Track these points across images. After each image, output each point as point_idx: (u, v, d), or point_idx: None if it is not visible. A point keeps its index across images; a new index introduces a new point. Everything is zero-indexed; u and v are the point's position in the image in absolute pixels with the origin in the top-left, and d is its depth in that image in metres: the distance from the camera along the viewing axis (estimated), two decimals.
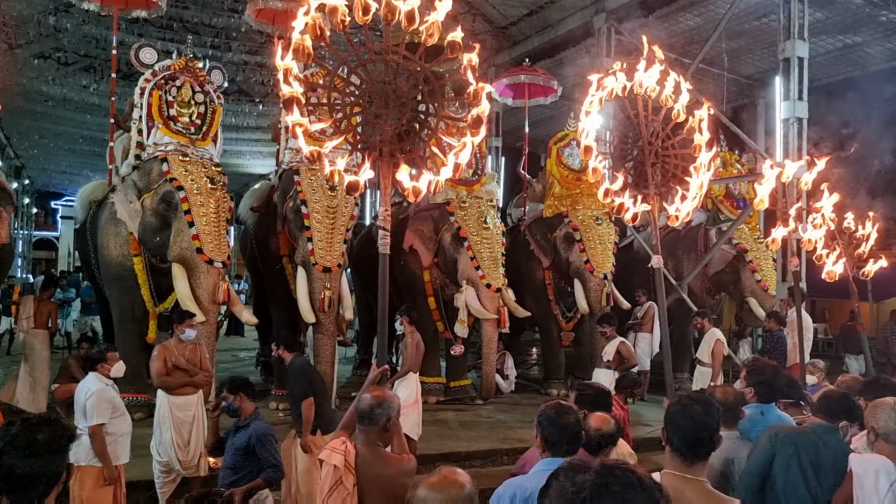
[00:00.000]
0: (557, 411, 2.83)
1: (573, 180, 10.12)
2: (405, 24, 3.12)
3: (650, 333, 10.35)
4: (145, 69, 7.79)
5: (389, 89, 3.31)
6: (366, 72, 3.36)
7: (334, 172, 3.11)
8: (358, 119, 3.43)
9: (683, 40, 12.87)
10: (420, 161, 3.38)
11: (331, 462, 2.99)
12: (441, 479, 2.27)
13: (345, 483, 2.94)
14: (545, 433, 2.78)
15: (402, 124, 3.35)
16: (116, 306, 8.08)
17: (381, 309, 3.58)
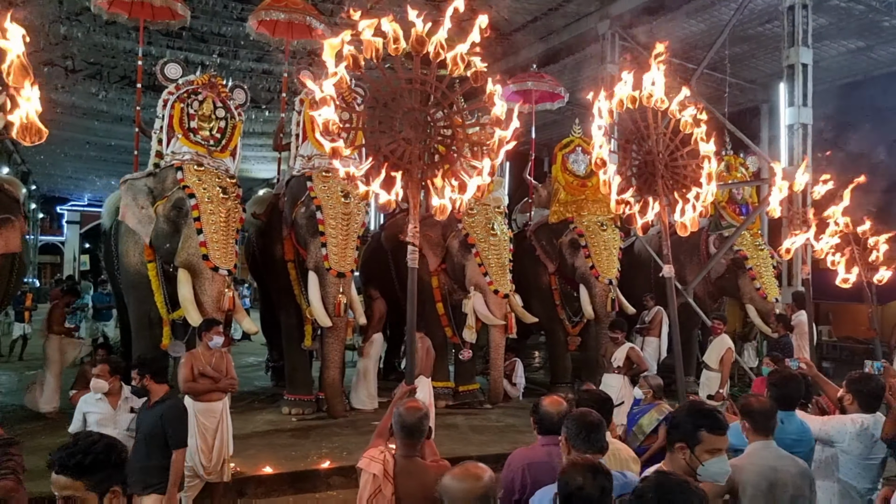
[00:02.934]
0: (585, 418, 2.94)
1: (578, 186, 10.22)
2: (432, 55, 3.27)
3: (657, 338, 10.43)
4: (170, 83, 7.93)
5: (419, 115, 3.46)
6: (397, 99, 3.52)
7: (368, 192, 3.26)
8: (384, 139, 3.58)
9: (687, 46, 12.97)
10: (446, 181, 3.52)
11: (370, 471, 3.11)
12: (463, 471, 2.47)
13: (384, 492, 3.05)
14: (572, 440, 2.89)
15: (430, 147, 3.51)
16: (134, 313, 8.22)
17: (409, 321, 3.70)
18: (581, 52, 13.49)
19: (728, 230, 10.81)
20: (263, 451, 7.09)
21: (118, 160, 19.15)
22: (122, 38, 13.00)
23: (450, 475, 2.48)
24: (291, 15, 9.48)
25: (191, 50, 13.19)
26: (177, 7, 8.97)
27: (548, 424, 3.37)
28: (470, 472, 2.47)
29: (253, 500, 6.40)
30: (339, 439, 7.71)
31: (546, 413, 3.40)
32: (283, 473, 6.59)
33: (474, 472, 2.47)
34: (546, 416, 3.39)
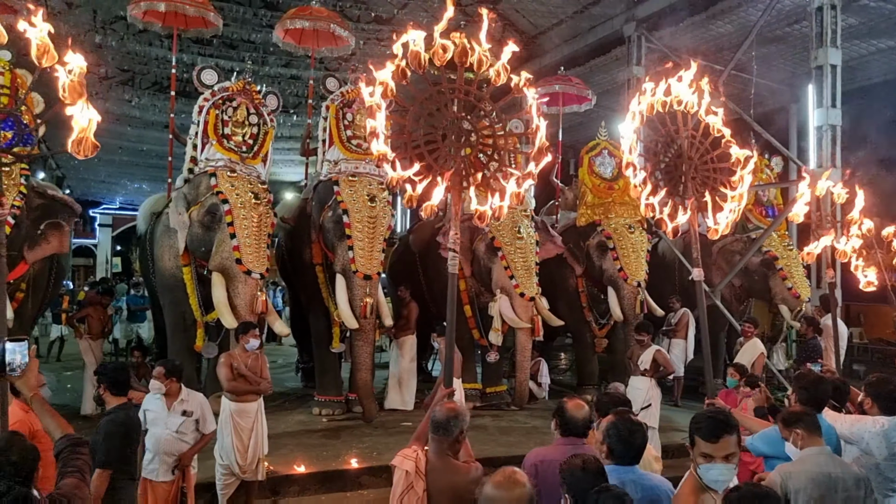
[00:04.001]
0: (628, 428, 3.01)
1: (605, 189, 10.25)
2: (476, 66, 3.39)
3: (684, 340, 10.43)
4: (205, 89, 8.11)
5: (461, 124, 3.58)
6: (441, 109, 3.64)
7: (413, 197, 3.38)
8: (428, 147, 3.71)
9: (714, 47, 12.93)
10: (486, 188, 3.63)
11: (402, 468, 3.22)
12: (506, 479, 2.52)
13: (415, 488, 3.16)
14: (612, 445, 2.97)
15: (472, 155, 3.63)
16: (169, 315, 8.41)
17: (448, 325, 3.80)
18: (607, 55, 13.50)
19: (755, 232, 10.78)
20: (295, 450, 7.23)
21: (149, 164, 19.54)
22: (154, 46, 13.30)
23: (491, 483, 2.52)
24: (316, 23, 9.63)
25: (221, 57, 13.45)
26: (209, 16, 9.17)
27: (571, 427, 3.48)
28: (511, 478, 2.52)
29: (286, 498, 6.53)
30: (369, 440, 7.83)
31: (571, 417, 3.49)
32: (314, 473, 6.72)
33: (515, 479, 2.52)
34: (571, 420, 3.49)
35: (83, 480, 2.59)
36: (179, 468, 5.09)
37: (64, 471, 2.61)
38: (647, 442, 3.15)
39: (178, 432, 5.06)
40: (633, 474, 2.94)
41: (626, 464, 2.96)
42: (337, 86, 9.08)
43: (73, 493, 2.51)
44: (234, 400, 5.80)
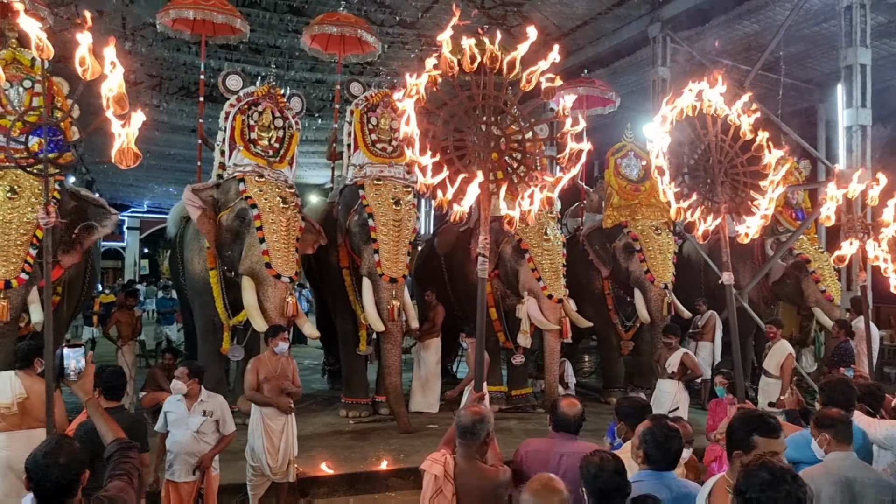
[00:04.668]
0: (664, 434, 3.00)
1: (631, 191, 10.21)
2: (506, 71, 3.43)
3: (711, 342, 10.35)
4: (230, 95, 8.22)
5: (490, 130, 3.61)
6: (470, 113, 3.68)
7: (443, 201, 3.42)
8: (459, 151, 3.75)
9: (740, 47, 12.82)
10: (515, 192, 3.66)
11: (431, 472, 3.26)
12: (544, 486, 2.54)
13: (444, 492, 3.20)
14: (649, 451, 2.96)
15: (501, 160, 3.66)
16: (199, 318, 8.53)
17: (478, 329, 3.82)
18: (631, 56, 13.43)
19: (784, 235, 10.67)
20: (323, 452, 7.30)
21: (177, 168, 19.79)
22: (182, 52, 13.47)
23: (528, 490, 2.55)
24: (344, 29, 9.70)
25: (247, 62, 13.60)
26: (236, 22, 9.27)
27: (562, 423, 3.64)
28: (548, 486, 2.54)
29: (315, 500, 6.60)
30: (396, 442, 7.88)
31: (562, 413, 3.65)
32: (343, 475, 6.79)
33: (552, 486, 2.54)
34: (562, 416, 3.64)
35: (130, 483, 2.65)
36: (200, 469, 5.16)
37: (113, 473, 2.67)
38: (682, 447, 3.15)
39: (199, 432, 5.15)
40: (667, 480, 2.94)
41: (663, 469, 2.95)
42: (361, 90, 9.15)
43: (118, 495, 2.57)
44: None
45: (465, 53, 3.49)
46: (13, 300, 6.48)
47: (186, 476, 5.11)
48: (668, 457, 2.97)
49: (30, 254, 6.59)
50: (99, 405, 3.05)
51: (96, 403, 3.03)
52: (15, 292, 6.49)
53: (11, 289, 6.45)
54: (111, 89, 2.96)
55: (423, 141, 3.48)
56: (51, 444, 2.47)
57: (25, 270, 6.54)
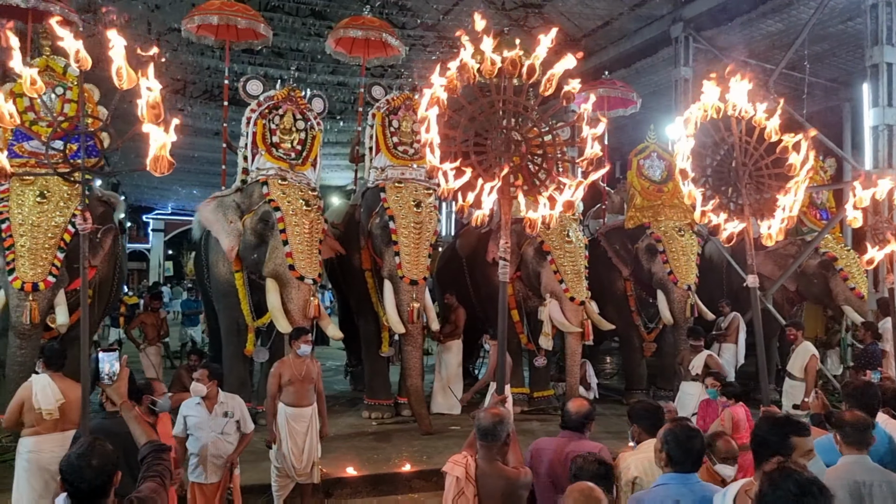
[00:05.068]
0: (686, 434, 3.00)
1: (654, 192, 10.17)
2: (525, 77, 3.44)
3: (734, 344, 10.25)
4: (251, 100, 8.31)
5: (510, 134, 3.64)
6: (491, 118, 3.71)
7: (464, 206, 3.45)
8: None
9: (764, 46, 12.70)
10: (536, 195, 3.68)
11: (453, 474, 3.30)
12: (585, 497, 2.57)
13: (466, 494, 3.23)
14: (671, 452, 2.95)
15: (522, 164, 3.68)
16: (224, 321, 8.62)
17: (500, 332, 3.85)
18: (653, 56, 13.36)
19: (809, 235, 10.56)
20: (347, 453, 7.35)
21: (200, 171, 20.02)
22: (206, 56, 13.64)
23: (569, 499, 2.57)
24: (368, 32, 9.76)
25: (270, 65, 13.73)
26: (259, 27, 9.38)
27: (567, 422, 3.79)
28: (590, 496, 2.57)
29: (338, 500, 6.65)
30: (419, 443, 7.91)
31: (567, 412, 3.81)
32: (366, 476, 6.83)
33: (593, 496, 2.57)
34: (566, 415, 3.81)
35: (162, 485, 2.71)
36: (230, 467, 5.26)
37: (145, 475, 2.73)
38: (705, 447, 3.15)
39: (224, 433, 5.25)
40: (691, 483, 2.93)
41: (686, 471, 2.93)
42: (382, 93, 9.22)
43: (150, 496, 2.62)
44: (289, 404, 5.93)
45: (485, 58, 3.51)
46: (41, 302, 6.60)
47: (213, 476, 5.19)
48: (691, 457, 2.95)
49: (57, 257, 6.72)
50: (132, 408, 3.12)
51: (130, 406, 3.10)
52: (42, 295, 6.61)
53: (39, 291, 6.57)
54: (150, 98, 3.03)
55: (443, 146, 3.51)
56: (84, 447, 2.53)
57: (53, 273, 6.67)
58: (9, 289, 6.61)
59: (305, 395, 5.98)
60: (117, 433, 3.17)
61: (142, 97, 3.09)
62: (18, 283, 6.51)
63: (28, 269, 6.56)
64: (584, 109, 3.81)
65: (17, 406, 4.93)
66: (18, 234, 6.60)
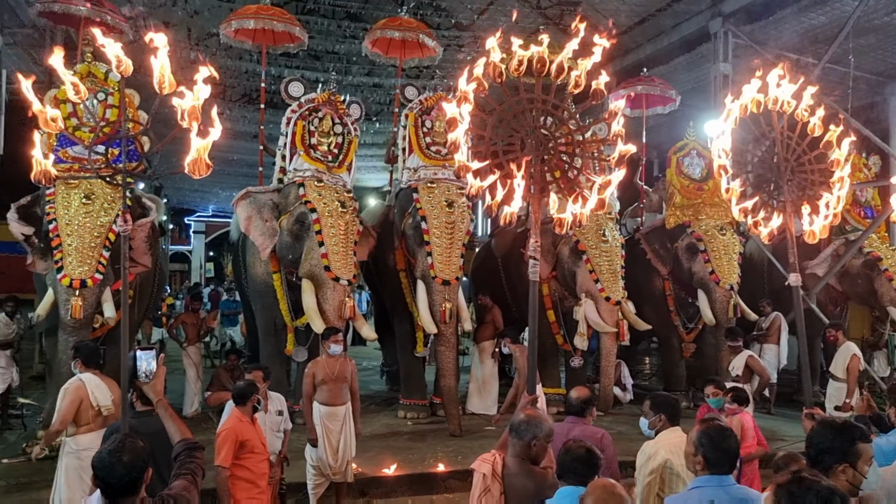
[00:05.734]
0: (721, 434, 2.94)
1: (694, 190, 10.01)
2: (554, 74, 3.41)
3: (776, 345, 10.07)
4: (292, 101, 8.41)
5: (540, 133, 3.61)
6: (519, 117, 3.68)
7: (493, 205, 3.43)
8: None
9: (806, 40, 12.38)
10: (567, 194, 3.64)
11: (480, 471, 3.33)
12: (608, 494, 2.53)
13: (492, 491, 3.25)
14: (707, 454, 2.89)
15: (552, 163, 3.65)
16: (261, 320, 8.74)
17: (531, 333, 3.82)
18: (691, 52, 13.13)
19: (853, 234, 10.29)
20: (382, 453, 7.38)
21: (239, 173, 20.28)
22: (244, 60, 13.81)
23: (591, 497, 2.54)
24: (405, 33, 9.80)
25: (306, 68, 13.86)
26: (295, 31, 9.48)
27: (570, 407, 4.25)
28: (612, 493, 2.54)
29: (373, 500, 6.69)
30: (454, 443, 7.91)
31: (569, 398, 4.31)
32: (402, 475, 6.86)
33: (615, 493, 2.54)
34: (569, 401, 4.28)
35: (193, 483, 2.74)
36: (283, 462, 5.49)
37: (178, 472, 2.77)
38: (739, 447, 3.08)
39: (277, 431, 5.42)
40: (727, 486, 2.85)
41: (724, 472, 2.86)
42: (416, 94, 9.24)
43: (181, 494, 2.65)
44: (323, 403, 5.98)
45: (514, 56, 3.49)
46: (88, 299, 6.80)
47: None
48: (728, 457, 2.89)
49: (103, 255, 6.93)
50: (168, 406, 3.16)
51: (166, 405, 3.14)
52: (90, 291, 6.81)
53: (86, 288, 6.77)
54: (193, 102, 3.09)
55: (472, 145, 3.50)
56: (115, 443, 2.56)
57: (99, 271, 6.88)
58: (57, 286, 6.82)
59: (339, 394, 6.03)
60: (145, 432, 3.19)
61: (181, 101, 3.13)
62: (67, 280, 6.72)
63: (76, 266, 6.77)
64: (614, 107, 3.74)
65: (75, 406, 4.98)
66: (65, 233, 6.82)
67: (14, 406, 8.55)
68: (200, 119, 3.15)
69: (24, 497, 6.02)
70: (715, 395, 5.58)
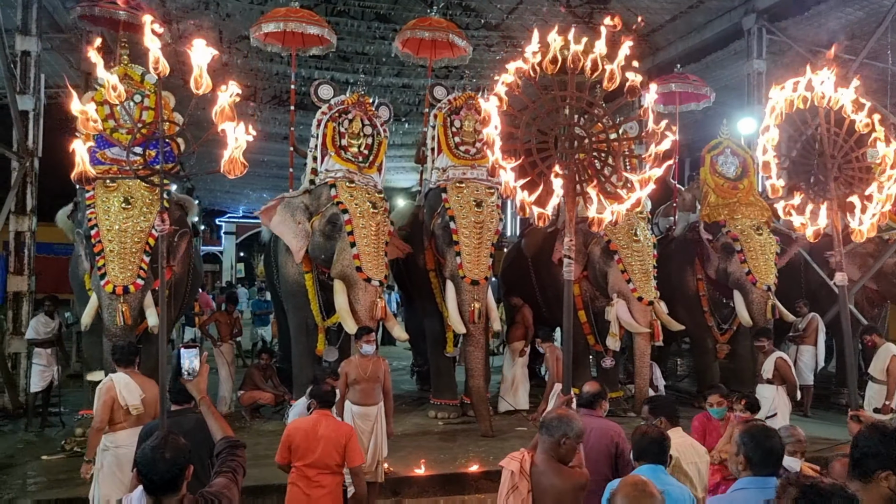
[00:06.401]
0: (763, 433, 2.89)
1: (729, 189, 9.82)
2: (588, 72, 3.38)
3: (813, 346, 9.87)
4: (322, 103, 8.46)
5: (573, 131, 3.57)
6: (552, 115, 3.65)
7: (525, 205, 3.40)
8: None
9: (844, 36, 12.13)
10: (602, 193, 3.60)
11: (508, 468, 3.33)
12: (639, 492, 2.50)
13: (520, 488, 3.25)
14: (749, 454, 2.84)
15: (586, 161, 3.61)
16: (293, 321, 8.78)
17: (565, 332, 3.79)
18: (724, 49, 12.96)
19: (889, 233, 10.03)
20: (413, 452, 7.38)
21: (270, 175, 20.49)
22: (275, 62, 13.94)
23: (622, 495, 2.51)
24: (435, 33, 9.79)
25: (336, 69, 13.95)
26: (325, 33, 9.52)
27: (581, 400, 4.39)
28: (643, 490, 2.51)
29: (404, 499, 6.68)
30: (485, 444, 7.89)
31: (581, 392, 4.47)
32: (433, 475, 6.84)
33: (646, 490, 2.50)
34: (581, 395, 4.44)
35: (234, 481, 2.75)
36: None
37: (219, 470, 2.79)
38: (784, 447, 3.01)
39: None
40: (770, 486, 2.75)
41: (767, 473, 2.79)
42: (444, 93, 9.23)
43: (221, 491, 2.67)
44: (356, 403, 6.00)
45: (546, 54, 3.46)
46: (132, 304, 6.86)
47: None
48: (771, 457, 2.82)
49: (144, 260, 6.98)
50: (211, 404, 3.19)
51: (208, 402, 3.17)
52: (133, 297, 6.87)
53: (130, 294, 6.83)
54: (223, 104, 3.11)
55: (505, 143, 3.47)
56: (158, 440, 2.60)
57: (140, 276, 6.92)
58: (101, 292, 6.88)
59: (371, 393, 6.03)
60: (178, 432, 3.20)
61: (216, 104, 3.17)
62: (110, 287, 6.76)
63: (118, 272, 6.81)
64: (646, 105, 3.69)
65: (108, 406, 5.09)
66: (107, 239, 6.86)
67: (54, 404, 8.71)
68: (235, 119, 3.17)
69: (64, 492, 6.12)
70: (719, 405, 5.27)
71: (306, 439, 4.50)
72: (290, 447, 4.52)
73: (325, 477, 4.51)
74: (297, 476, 4.51)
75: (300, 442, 4.50)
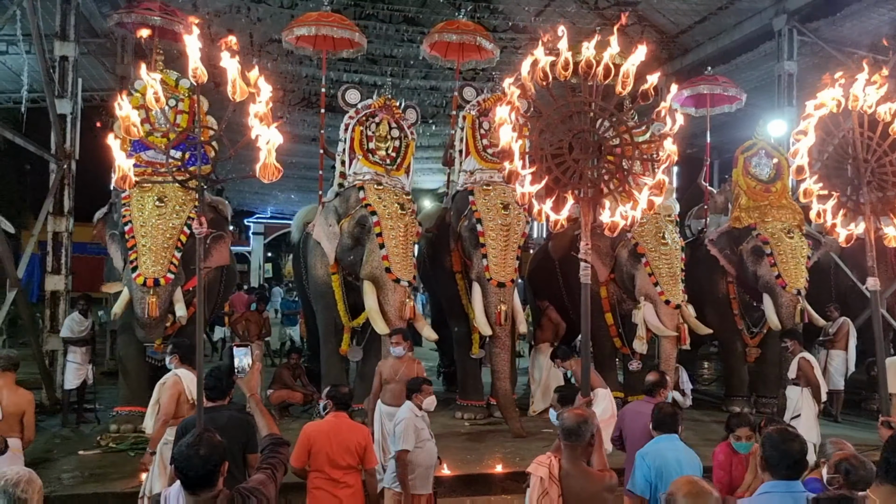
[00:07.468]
0: (782, 437, 2.89)
1: (761, 191, 9.69)
2: (601, 77, 3.40)
3: (844, 350, 9.74)
4: (349, 108, 8.56)
5: (588, 136, 3.60)
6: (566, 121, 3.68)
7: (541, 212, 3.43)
8: None
9: (876, 37, 11.94)
10: (618, 198, 3.63)
11: (537, 474, 3.34)
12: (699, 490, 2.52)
13: (550, 494, 3.25)
14: (766, 454, 2.86)
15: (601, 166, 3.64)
16: (321, 321, 8.89)
17: (583, 335, 3.82)
18: (754, 51, 12.83)
19: None
20: (440, 453, 7.33)
21: (298, 176, 20.66)
22: (304, 65, 14.11)
23: (681, 494, 2.52)
24: (463, 36, 9.84)
25: (364, 72, 14.08)
26: (355, 36, 9.63)
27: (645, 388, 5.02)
28: (702, 489, 2.53)
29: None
30: (511, 445, 7.91)
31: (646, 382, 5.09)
32: (460, 476, 6.87)
33: (703, 488, 2.53)
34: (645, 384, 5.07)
35: (272, 478, 2.81)
36: None
37: (260, 466, 2.87)
38: (806, 451, 2.99)
39: None
40: (794, 490, 2.76)
41: (783, 477, 2.77)
42: (474, 95, 9.27)
43: (257, 487, 2.73)
44: (386, 403, 6.07)
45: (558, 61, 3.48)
46: (161, 297, 7.09)
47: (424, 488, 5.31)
48: (789, 460, 2.80)
49: (175, 256, 7.22)
50: (259, 402, 3.27)
51: (257, 399, 3.25)
52: (163, 290, 7.10)
53: (160, 286, 7.06)
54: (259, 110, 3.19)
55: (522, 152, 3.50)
56: (194, 437, 2.67)
57: (171, 271, 7.16)
58: (132, 285, 7.13)
59: (400, 395, 6.07)
60: (215, 427, 3.23)
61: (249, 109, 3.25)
62: (141, 279, 7.03)
63: (150, 265, 7.06)
64: (663, 106, 3.69)
65: (174, 400, 5.25)
66: (140, 234, 7.14)
67: (89, 401, 8.90)
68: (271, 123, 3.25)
69: (100, 487, 6.28)
70: (748, 439, 4.64)
71: (329, 441, 4.41)
72: (311, 451, 4.40)
73: (350, 476, 4.49)
74: (321, 479, 4.40)
75: (323, 444, 4.39)
